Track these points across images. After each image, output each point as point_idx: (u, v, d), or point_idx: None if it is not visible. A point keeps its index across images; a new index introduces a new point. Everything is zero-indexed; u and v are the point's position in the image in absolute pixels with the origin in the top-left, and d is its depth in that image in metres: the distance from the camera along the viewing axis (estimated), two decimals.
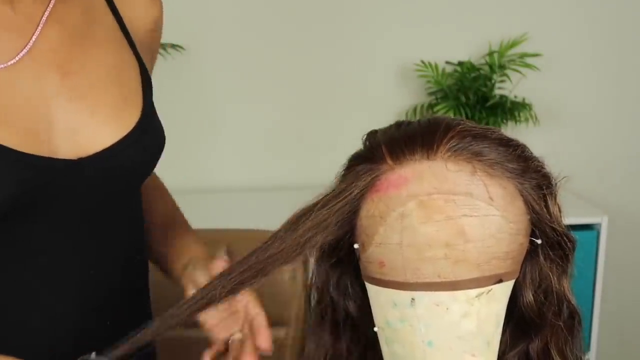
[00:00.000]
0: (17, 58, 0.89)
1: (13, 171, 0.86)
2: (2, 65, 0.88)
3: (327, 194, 0.75)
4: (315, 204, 0.74)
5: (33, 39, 0.91)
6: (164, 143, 1.02)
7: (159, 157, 1.02)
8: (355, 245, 0.75)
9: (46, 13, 0.92)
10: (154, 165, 1.03)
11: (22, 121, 0.88)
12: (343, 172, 0.77)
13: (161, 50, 2.04)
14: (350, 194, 0.73)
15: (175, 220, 1.13)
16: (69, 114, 0.91)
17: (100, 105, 0.94)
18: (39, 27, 0.91)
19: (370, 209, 0.73)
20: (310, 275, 0.82)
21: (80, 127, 0.92)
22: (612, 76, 2.44)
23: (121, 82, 0.97)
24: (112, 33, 1.00)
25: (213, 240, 1.59)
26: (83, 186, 0.91)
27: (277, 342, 1.58)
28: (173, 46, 2.15)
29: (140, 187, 1.04)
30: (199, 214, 1.25)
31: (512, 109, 2.21)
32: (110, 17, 1.00)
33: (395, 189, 0.72)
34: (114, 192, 0.97)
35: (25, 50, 0.90)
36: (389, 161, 0.73)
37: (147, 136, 0.97)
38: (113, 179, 0.94)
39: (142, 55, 1.03)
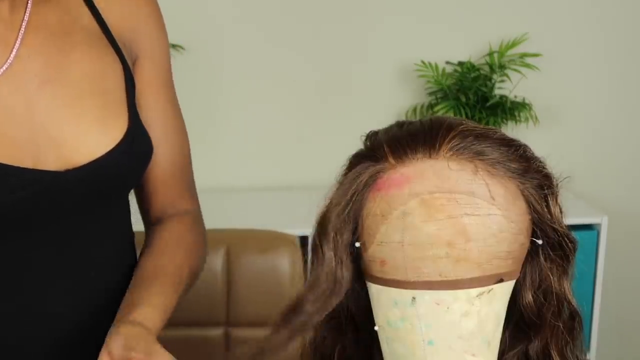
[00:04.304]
0: (1, 70, 0.87)
1: None
2: None
3: (332, 194, 0.75)
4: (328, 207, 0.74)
5: (14, 50, 0.88)
6: (152, 150, 0.98)
7: (148, 164, 0.99)
8: (357, 244, 0.75)
9: (24, 20, 0.89)
10: (143, 173, 1.00)
11: (5, 134, 0.86)
12: (344, 172, 0.77)
13: None
14: (352, 192, 0.73)
15: (163, 274, 0.95)
16: (52, 124, 0.88)
17: (84, 114, 0.90)
18: (19, 36, 0.88)
19: (372, 207, 0.73)
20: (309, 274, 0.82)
21: (66, 137, 0.89)
22: (612, 76, 2.44)
23: (104, 89, 0.93)
24: (92, 34, 0.95)
25: (213, 240, 1.59)
26: (71, 198, 0.89)
27: None
28: (173, 46, 2.14)
29: (127, 195, 1.01)
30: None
31: (512, 109, 2.21)
32: (88, 17, 0.95)
33: (397, 188, 0.72)
34: (103, 203, 0.94)
35: (8, 63, 0.87)
36: (391, 160, 0.73)
37: (136, 144, 0.94)
38: (103, 190, 0.92)
39: (129, 55, 0.98)
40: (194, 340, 1.54)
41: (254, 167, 2.36)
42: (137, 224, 1.06)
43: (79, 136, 0.89)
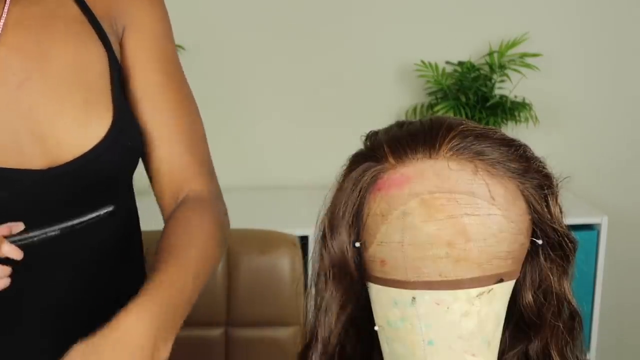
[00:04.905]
0: None
1: None
2: None
3: (334, 195, 0.75)
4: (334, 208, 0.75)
5: None
6: (141, 141, 0.96)
7: (139, 156, 0.97)
8: (357, 244, 0.75)
9: (2, 19, 0.88)
10: (135, 165, 0.97)
11: None
12: (344, 172, 0.77)
13: None
14: (353, 192, 0.74)
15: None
16: (35, 123, 0.88)
17: (67, 110, 0.89)
18: None
19: (372, 207, 0.73)
20: (310, 274, 0.82)
21: (49, 135, 0.88)
22: (612, 76, 2.44)
23: (87, 82, 0.92)
24: (74, 22, 0.93)
25: None
26: (57, 196, 0.88)
27: (277, 342, 1.58)
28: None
29: (123, 189, 0.98)
30: None
31: (512, 109, 2.21)
32: (71, 4, 0.94)
33: (397, 188, 0.72)
34: (94, 198, 0.92)
35: None
36: (391, 160, 0.73)
37: (122, 137, 0.92)
38: (90, 186, 0.90)
39: (115, 35, 0.96)
40: (194, 340, 1.53)
41: (254, 167, 2.36)
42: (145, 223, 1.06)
43: (62, 133, 0.88)
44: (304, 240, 1.85)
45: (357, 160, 0.76)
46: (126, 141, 0.92)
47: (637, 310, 2.57)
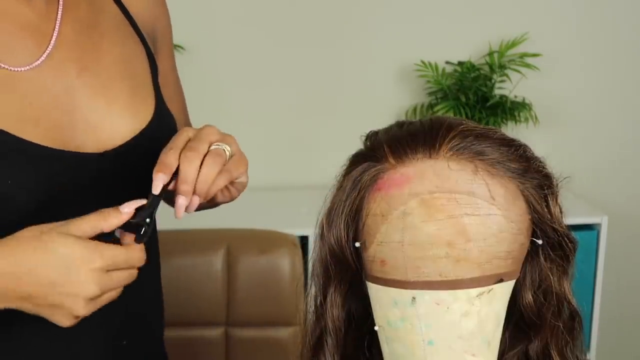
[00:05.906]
0: (42, 58, 0.91)
1: (43, 166, 0.88)
2: (28, 67, 0.90)
3: (333, 195, 0.76)
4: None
5: (53, 38, 0.93)
6: (176, 126, 1.04)
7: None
8: (357, 244, 0.75)
9: (59, 9, 0.94)
10: None
11: (48, 119, 0.90)
12: (344, 172, 0.77)
13: None
14: (353, 192, 0.74)
15: None
16: (88, 110, 0.94)
17: (116, 99, 0.96)
18: (57, 25, 0.93)
19: (372, 207, 0.73)
20: (310, 273, 0.82)
21: (99, 122, 0.94)
22: (612, 76, 2.44)
23: (132, 73, 0.99)
24: (117, 21, 1.01)
25: (213, 240, 1.60)
26: (108, 180, 0.93)
27: (277, 342, 1.58)
28: (173, 46, 2.14)
29: None
30: (199, 214, 1.25)
31: (512, 109, 2.21)
32: (111, 4, 1.01)
33: (397, 188, 0.72)
34: (137, 183, 0.97)
35: (48, 50, 0.92)
36: (391, 160, 0.73)
37: (163, 123, 1.00)
38: (136, 170, 0.96)
39: (150, 40, 1.05)
40: (194, 340, 1.54)
41: (254, 167, 2.34)
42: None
43: (111, 120, 0.95)
44: (304, 240, 1.86)
45: (357, 160, 0.76)
46: (166, 125, 1.01)
47: (637, 310, 2.57)
